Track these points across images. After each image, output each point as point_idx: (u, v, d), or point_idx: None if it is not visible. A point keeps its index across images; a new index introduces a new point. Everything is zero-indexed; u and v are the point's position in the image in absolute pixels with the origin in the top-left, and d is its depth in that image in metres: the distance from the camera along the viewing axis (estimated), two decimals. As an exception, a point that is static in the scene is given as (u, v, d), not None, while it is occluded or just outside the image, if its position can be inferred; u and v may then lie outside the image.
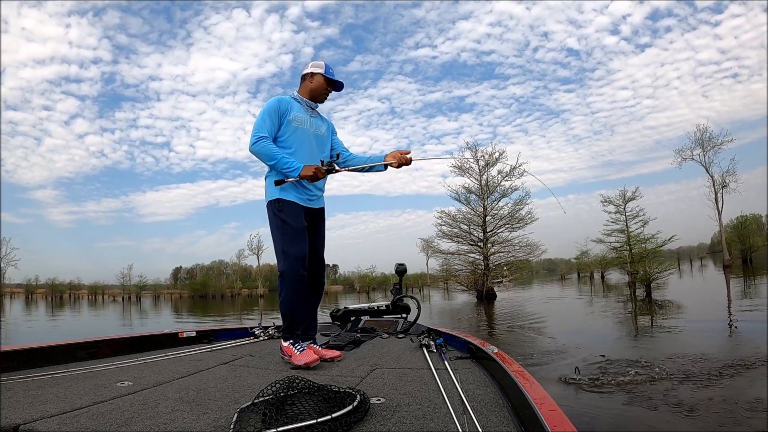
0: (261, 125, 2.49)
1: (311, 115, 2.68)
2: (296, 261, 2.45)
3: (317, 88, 2.67)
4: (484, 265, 20.84)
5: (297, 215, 2.51)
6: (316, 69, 2.66)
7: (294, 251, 2.46)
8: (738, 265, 36.44)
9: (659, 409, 3.82)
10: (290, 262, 2.45)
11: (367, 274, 71.59)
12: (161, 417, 1.45)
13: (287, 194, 2.52)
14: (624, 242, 21.20)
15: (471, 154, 22.12)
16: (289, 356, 2.39)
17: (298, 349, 2.40)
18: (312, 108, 2.70)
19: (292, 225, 2.49)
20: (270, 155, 2.46)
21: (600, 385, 4.63)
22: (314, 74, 2.66)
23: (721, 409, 3.75)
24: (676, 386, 4.42)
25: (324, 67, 2.67)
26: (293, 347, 2.41)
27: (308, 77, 2.68)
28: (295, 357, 2.36)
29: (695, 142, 35.42)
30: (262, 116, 2.52)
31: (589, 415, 3.81)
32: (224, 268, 71.26)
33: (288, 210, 2.49)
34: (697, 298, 15.19)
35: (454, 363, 2.27)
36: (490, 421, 1.39)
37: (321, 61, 2.69)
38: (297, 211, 2.52)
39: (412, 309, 3.77)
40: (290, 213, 2.50)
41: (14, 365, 2.09)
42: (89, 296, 64.72)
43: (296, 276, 2.45)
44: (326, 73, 2.66)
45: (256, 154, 2.48)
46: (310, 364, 2.30)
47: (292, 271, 2.44)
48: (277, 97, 2.61)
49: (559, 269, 67.06)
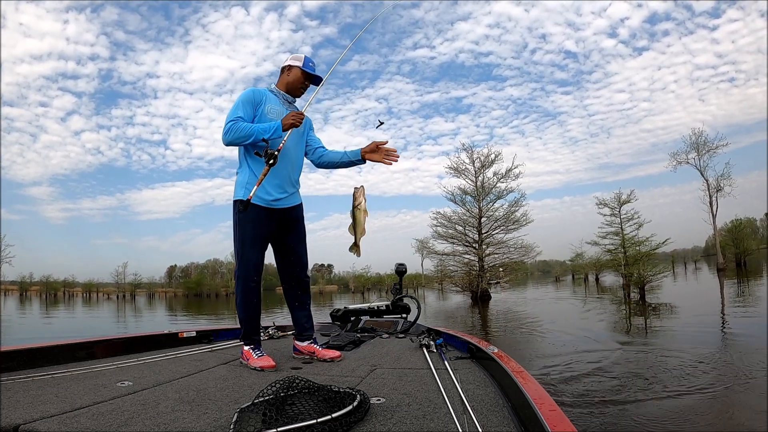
0: (234, 112, 2.41)
1: (287, 108, 2.58)
2: (250, 267, 2.43)
3: (293, 81, 2.59)
4: (479, 266, 20.89)
5: (258, 220, 2.43)
6: (294, 62, 2.59)
7: (248, 257, 2.43)
8: (732, 269, 36.63)
9: (652, 411, 3.85)
10: (244, 268, 2.43)
11: (362, 274, 71.52)
12: (161, 417, 1.44)
13: (250, 194, 2.36)
14: (619, 245, 21.31)
15: (467, 156, 22.22)
16: (247, 359, 2.39)
17: (257, 354, 2.40)
18: (289, 102, 2.61)
19: (250, 231, 2.43)
20: (245, 133, 2.35)
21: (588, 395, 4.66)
22: (292, 67, 2.59)
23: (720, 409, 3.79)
24: (669, 389, 4.45)
25: (303, 60, 2.58)
26: (252, 351, 2.41)
27: (286, 70, 2.61)
28: (252, 360, 2.36)
29: (690, 146, 35.68)
30: (236, 105, 2.44)
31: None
32: (219, 267, 70.94)
33: (249, 214, 2.35)
34: (691, 300, 15.28)
35: (454, 363, 2.28)
36: (490, 421, 1.40)
37: (302, 54, 2.62)
38: (259, 216, 2.43)
39: (412, 309, 3.78)
40: (251, 217, 2.40)
41: (14, 365, 2.08)
42: (84, 294, 64.20)
43: (248, 282, 2.43)
44: (304, 66, 2.57)
45: (231, 140, 2.37)
46: (265, 368, 2.29)
47: (244, 277, 2.43)
48: (251, 88, 2.53)
49: (554, 271, 67.24)
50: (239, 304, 2.46)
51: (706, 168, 35.67)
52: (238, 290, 2.44)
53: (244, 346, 2.45)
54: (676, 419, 3.63)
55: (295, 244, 2.63)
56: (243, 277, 2.43)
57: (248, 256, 2.43)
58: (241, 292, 2.44)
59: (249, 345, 2.44)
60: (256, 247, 2.46)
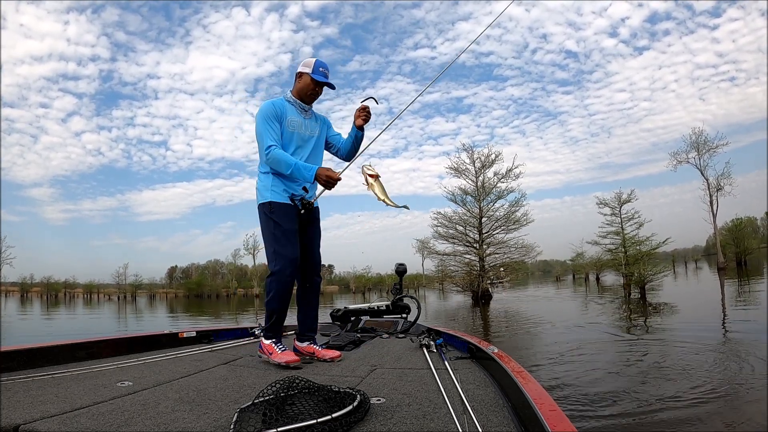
0: (266, 133, 2.46)
1: (304, 117, 2.62)
2: (288, 263, 2.44)
3: (303, 88, 2.59)
4: (479, 266, 20.88)
5: (289, 217, 2.49)
6: (304, 68, 2.59)
7: (286, 253, 2.44)
8: (732, 268, 36.62)
9: (655, 410, 3.85)
10: (282, 263, 2.43)
11: (362, 275, 71.53)
12: (161, 417, 1.44)
13: (279, 196, 2.50)
14: (619, 244, 21.30)
15: (467, 156, 22.22)
16: (269, 353, 2.39)
17: (280, 348, 2.40)
18: (304, 110, 2.63)
19: (283, 227, 2.46)
20: (287, 163, 2.43)
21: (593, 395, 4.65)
22: (303, 74, 2.59)
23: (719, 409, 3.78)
24: (670, 389, 4.45)
25: (313, 66, 2.58)
26: (275, 345, 2.41)
27: (298, 76, 2.62)
28: (275, 355, 2.37)
29: (690, 145, 35.75)
30: (264, 124, 2.48)
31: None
32: (220, 268, 71.03)
33: (279, 212, 2.47)
34: (691, 300, 15.27)
35: (454, 363, 2.28)
36: (490, 421, 1.40)
37: (312, 59, 2.61)
38: (289, 213, 2.49)
39: (412, 309, 3.78)
40: (282, 214, 2.47)
41: (14, 365, 2.08)
42: (84, 295, 64.29)
43: (284, 276, 2.44)
44: (313, 73, 2.56)
45: (272, 165, 2.46)
46: (290, 363, 2.30)
47: (282, 272, 2.43)
48: (270, 102, 2.55)
49: (555, 271, 67.26)
50: (273, 298, 2.45)
51: (706, 167, 35.77)
52: (274, 285, 2.43)
53: (265, 340, 2.45)
54: (676, 419, 3.63)
55: (313, 244, 2.66)
56: (279, 271, 2.42)
57: (285, 251, 2.44)
58: (275, 286, 2.43)
59: (271, 339, 2.44)
60: (291, 242, 2.47)
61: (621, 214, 21.72)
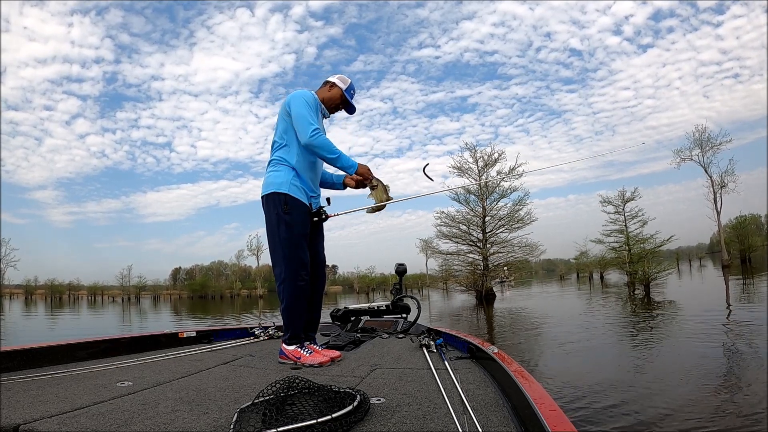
0: (312, 117, 2.40)
1: (323, 122, 2.62)
2: (299, 267, 2.40)
3: (332, 98, 2.61)
4: (483, 265, 20.86)
5: (304, 219, 2.44)
6: (339, 82, 2.62)
7: (298, 256, 2.40)
8: (737, 265, 36.47)
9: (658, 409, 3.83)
10: (294, 267, 2.39)
11: (366, 275, 71.62)
12: (161, 417, 1.44)
13: (298, 192, 2.43)
14: (623, 242, 21.25)
15: (470, 155, 22.20)
16: (297, 358, 2.36)
17: (307, 352, 2.38)
18: (325, 116, 2.63)
19: (297, 231, 2.40)
20: (331, 148, 2.39)
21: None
22: (335, 85, 2.61)
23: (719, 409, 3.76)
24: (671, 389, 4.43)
25: (348, 85, 2.63)
26: (301, 350, 2.38)
27: (329, 85, 2.63)
28: (304, 358, 2.34)
29: (694, 143, 35.62)
30: (308, 108, 2.43)
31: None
32: (223, 269, 71.26)
33: (296, 213, 2.40)
34: (696, 298, 15.20)
35: (454, 363, 2.27)
36: (490, 421, 1.39)
37: (349, 79, 2.66)
38: (304, 215, 2.44)
39: (412, 309, 3.77)
40: (298, 216, 2.41)
41: (14, 365, 2.08)
42: (89, 297, 64.68)
43: (297, 281, 2.40)
44: (346, 91, 2.61)
45: (314, 147, 2.39)
46: (324, 363, 2.28)
47: (293, 277, 2.39)
48: (311, 94, 2.53)
49: (559, 269, 67.10)
50: (288, 307, 2.39)
51: (710, 165, 35.64)
52: (286, 291, 2.38)
53: (287, 346, 2.40)
54: (677, 419, 3.61)
55: (320, 246, 2.66)
56: (291, 277, 2.37)
57: (298, 256, 2.39)
58: (290, 293, 2.38)
59: (295, 344, 2.40)
60: (303, 246, 2.44)
61: (625, 212, 21.70)
